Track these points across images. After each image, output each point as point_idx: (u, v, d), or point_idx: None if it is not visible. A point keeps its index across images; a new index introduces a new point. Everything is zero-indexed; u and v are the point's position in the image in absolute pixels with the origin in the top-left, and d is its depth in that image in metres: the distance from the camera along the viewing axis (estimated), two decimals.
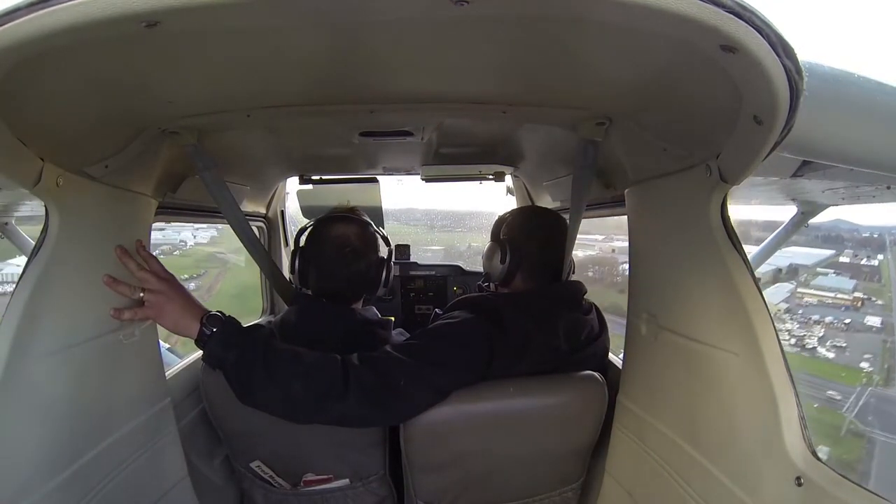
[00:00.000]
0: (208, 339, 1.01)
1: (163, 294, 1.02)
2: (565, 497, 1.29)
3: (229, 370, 1.01)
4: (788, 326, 9.14)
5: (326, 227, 1.33)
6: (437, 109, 1.06)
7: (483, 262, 1.42)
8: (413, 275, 2.51)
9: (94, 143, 0.88)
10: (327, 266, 1.30)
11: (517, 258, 1.30)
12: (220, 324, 1.02)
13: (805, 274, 10.17)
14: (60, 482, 0.83)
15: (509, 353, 1.12)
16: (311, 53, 0.72)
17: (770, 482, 0.76)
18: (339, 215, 1.36)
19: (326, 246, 1.30)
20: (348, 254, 1.29)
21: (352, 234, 1.31)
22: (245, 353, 1.00)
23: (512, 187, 2.35)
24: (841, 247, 9.86)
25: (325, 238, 1.31)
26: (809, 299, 9.64)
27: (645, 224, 1.14)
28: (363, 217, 1.38)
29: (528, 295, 1.25)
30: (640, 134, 0.98)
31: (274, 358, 1.01)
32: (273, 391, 1.01)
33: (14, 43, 0.49)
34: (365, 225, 1.36)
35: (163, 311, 1.02)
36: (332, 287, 1.30)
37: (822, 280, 9.92)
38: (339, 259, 1.29)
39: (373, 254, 1.34)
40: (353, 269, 1.30)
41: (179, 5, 0.47)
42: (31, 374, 0.79)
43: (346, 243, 1.29)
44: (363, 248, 1.31)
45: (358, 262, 1.30)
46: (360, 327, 1.29)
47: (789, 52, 0.52)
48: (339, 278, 1.30)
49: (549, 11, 0.55)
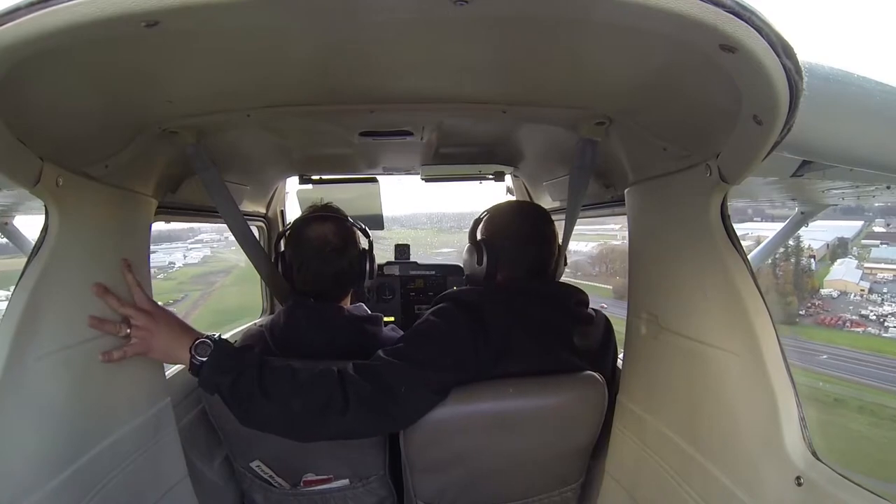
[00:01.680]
0: (200, 368, 1.00)
1: (147, 329, 1.00)
2: (565, 497, 1.29)
3: (226, 395, 1.00)
4: (886, 310, 8.65)
5: (304, 229, 1.32)
6: (436, 109, 1.06)
7: (463, 265, 1.42)
8: (413, 275, 2.51)
9: (93, 142, 0.88)
10: (310, 267, 1.30)
11: (494, 258, 1.29)
12: (210, 351, 1.01)
13: (854, 247, 9.88)
14: (60, 482, 0.83)
15: (492, 349, 1.11)
16: (310, 53, 0.72)
17: (770, 482, 0.76)
18: (316, 215, 1.35)
19: (306, 247, 1.30)
20: (329, 253, 1.29)
21: (329, 233, 1.30)
22: (240, 378, 0.99)
23: (512, 187, 2.35)
24: (863, 216, 9.48)
25: (304, 240, 1.31)
26: (885, 275, 9.20)
27: (645, 224, 1.14)
28: (339, 213, 1.37)
29: (511, 291, 1.22)
30: (640, 134, 0.98)
31: (270, 378, 1.00)
32: (272, 412, 1.00)
33: (14, 43, 0.49)
34: (341, 221, 1.35)
35: (150, 347, 1.01)
36: (317, 287, 1.30)
37: (879, 252, 9.54)
38: (320, 259, 1.29)
39: (353, 249, 1.34)
40: (335, 268, 1.30)
41: (179, 5, 0.47)
42: (30, 374, 0.79)
43: (325, 243, 1.29)
44: (343, 245, 1.31)
45: (340, 260, 1.30)
46: (349, 324, 1.29)
47: (789, 52, 0.52)
48: (322, 278, 1.30)
49: (548, 11, 0.55)
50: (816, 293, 9.68)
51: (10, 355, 0.75)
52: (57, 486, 0.82)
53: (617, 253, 9.82)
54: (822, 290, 9.66)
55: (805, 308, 9.57)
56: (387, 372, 1.05)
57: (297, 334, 1.23)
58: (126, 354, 0.99)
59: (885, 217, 9.04)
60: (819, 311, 9.41)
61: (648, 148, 0.98)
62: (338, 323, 1.28)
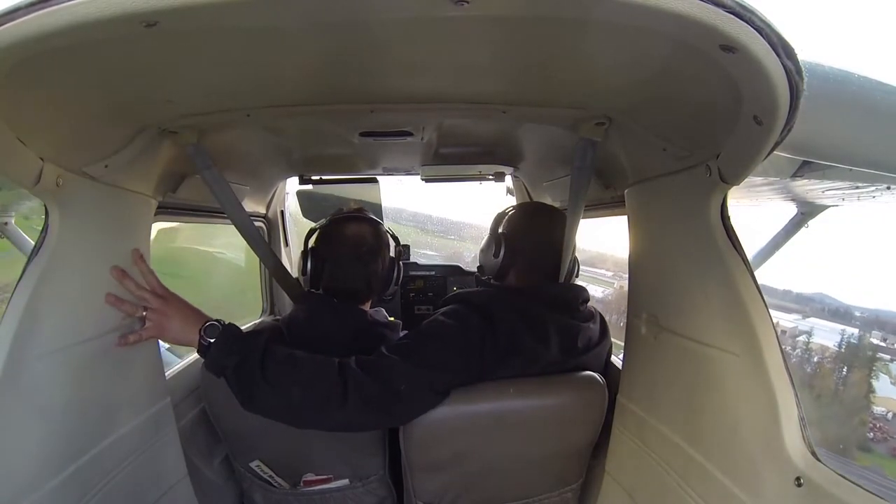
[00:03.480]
0: (207, 349, 1.02)
1: (161, 312, 1.04)
2: (565, 497, 1.29)
3: (230, 377, 1.01)
4: None
5: (341, 227, 1.32)
6: (437, 109, 1.06)
7: (479, 254, 1.43)
8: (413, 275, 2.51)
9: (93, 142, 0.88)
10: (344, 266, 1.29)
11: (512, 254, 1.29)
12: (218, 332, 1.03)
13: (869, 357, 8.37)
14: (60, 481, 0.83)
15: (499, 352, 1.11)
16: (310, 53, 0.72)
17: (770, 482, 0.76)
18: (352, 215, 1.36)
19: (343, 246, 1.30)
20: (365, 253, 1.29)
21: (367, 234, 1.31)
22: (244, 360, 1.01)
23: (512, 187, 2.35)
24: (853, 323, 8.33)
25: (341, 238, 1.31)
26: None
27: (645, 224, 1.14)
28: (372, 216, 1.38)
29: (521, 294, 1.22)
30: (640, 134, 0.98)
31: (272, 364, 1.01)
32: (273, 397, 1.01)
33: (14, 43, 0.49)
34: (377, 224, 1.36)
35: (163, 329, 1.05)
36: (347, 286, 1.30)
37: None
38: (356, 258, 1.29)
39: (387, 252, 1.35)
40: (370, 269, 1.30)
41: (178, 5, 0.47)
42: (31, 374, 0.79)
43: (362, 242, 1.29)
44: (378, 247, 1.32)
45: (375, 262, 1.31)
46: (370, 328, 1.28)
47: (789, 52, 0.52)
48: (356, 278, 1.29)
49: (548, 11, 0.55)
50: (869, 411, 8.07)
51: (11, 355, 0.75)
52: (57, 485, 0.82)
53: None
54: (875, 409, 8.08)
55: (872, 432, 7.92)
56: (390, 369, 1.04)
57: (316, 332, 1.22)
58: (141, 338, 1.04)
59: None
60: (887, 437, 7.71)
61: (648, 148, 0.98)
62: (360, 325, 1.27)
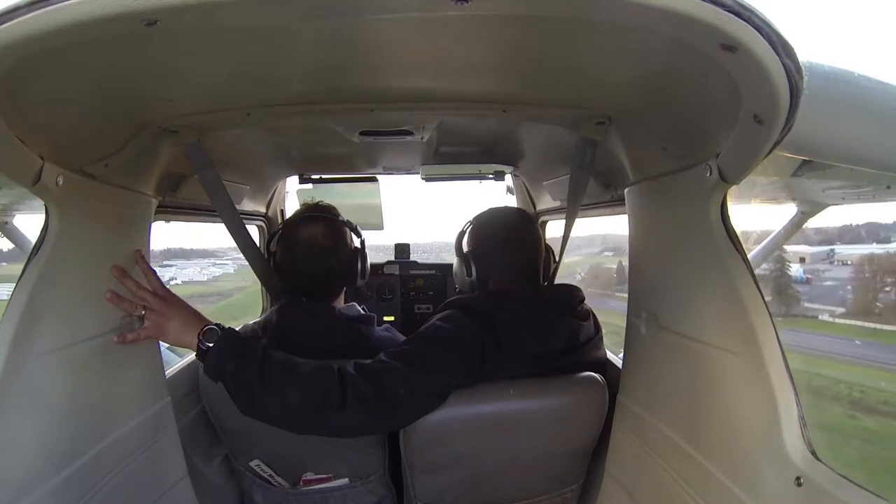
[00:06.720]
0: (206, 354, 1.02)
1: (161, 313, 1.04)
2: (565, 498, 1.29)
3: (229, 382, 1.01)
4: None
5: (294, 230, 1.33)
6: (437, 108, 1.06)
7: (454, 278, 1.43)
8: (413, 274, 2.51)
9: (93, 141, 0.88)
10: (300, 268, 1.30)
11: (484, 266, 1.30)
12: (216, 337, 1.03)
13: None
14: (60, 481, 0.83)
15: (502, 358, 1.12)
16: (310, 52, 0.72)
17: (770, 482, 0.76)
18: (306, 216, 1.36)
19: (296, 249, 1.30)
20: (318, 254, 1.30)
21: (319, 234, 1.31)
22: (242, 365, 1.01)
23: (512, 187, 2.35)
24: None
25: (294, 241, 1.31)
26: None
27: (645, 224, 1.14)
28: (330, 212, 1.37)
29: (520, 300, 1.23)
30: (640, 133, 0.98)
31: (270, 369, 1.01)
32: (271, 402, 1.01)
33: (14, 42, 0.49)
34: (331, 221, 1.35)
35: (162, 330, 1.05)
36: (307, 287, 1.31)
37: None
38: (310, 260, 1.30)
39: (344, 248, 1.34)
40: (326, 268, 1.31)
41: (178, 4, 0.47)
42: (31, 374, 0.79)
43: (314, 244, 1.30)
44: (332, 246, 1.31)
45: (329, 261, 1.31)
46: (342, 324, 1.29)
47: (789, 52, 0.52)
48: (314, 278, 1.31)
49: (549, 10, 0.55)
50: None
51: (11, 354, 0.75)
52: (57, 484, 0.82)
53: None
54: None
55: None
56: (389, 375, 1.04)
57: (289, 333, 1.24)
58: (140, 337, 1.03)
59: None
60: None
61: (648, 147, 0.98)
62: (330, 322, 1.28)
